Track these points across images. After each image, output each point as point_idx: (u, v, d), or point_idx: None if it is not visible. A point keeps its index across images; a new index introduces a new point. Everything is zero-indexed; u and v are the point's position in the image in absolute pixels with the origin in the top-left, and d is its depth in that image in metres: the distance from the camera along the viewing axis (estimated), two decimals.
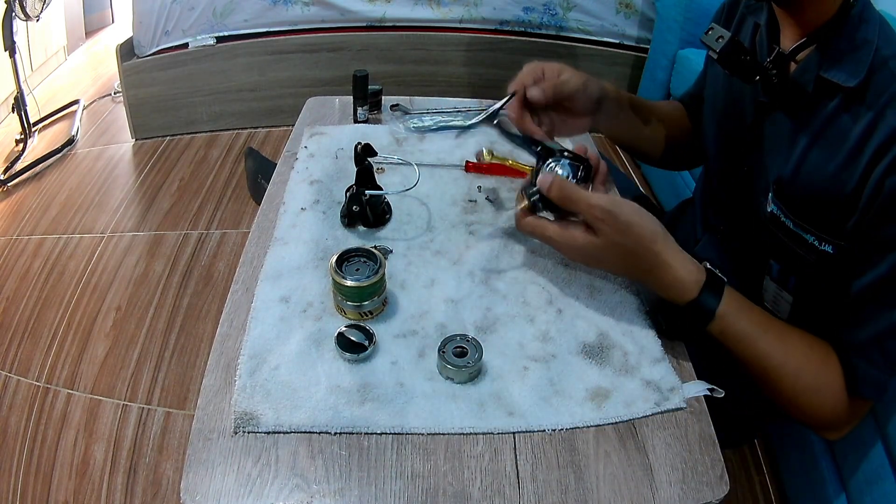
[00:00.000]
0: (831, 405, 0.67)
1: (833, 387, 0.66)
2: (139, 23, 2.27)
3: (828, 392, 0.66)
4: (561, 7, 2.35)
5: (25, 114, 2.37)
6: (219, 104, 2.45)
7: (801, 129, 0.70)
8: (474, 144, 1.01)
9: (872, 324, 0.64)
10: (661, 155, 1.01)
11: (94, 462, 1.34)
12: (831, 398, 0.66)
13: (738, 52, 0.70)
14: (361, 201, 0.81)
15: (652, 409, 0.62)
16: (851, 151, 0.64)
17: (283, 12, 2.32)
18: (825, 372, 0.66)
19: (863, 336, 0.65)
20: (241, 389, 0.61)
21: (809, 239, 0.69)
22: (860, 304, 0.65)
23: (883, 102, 0.63)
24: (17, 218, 2.07)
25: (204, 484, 0.54)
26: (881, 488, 0.91)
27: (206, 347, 1.59)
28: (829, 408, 0.67)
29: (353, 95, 1.05)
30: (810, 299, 0.75)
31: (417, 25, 2.37)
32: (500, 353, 0.66)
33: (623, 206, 0.64)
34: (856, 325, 0.65)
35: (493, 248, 0.80)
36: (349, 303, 0.68)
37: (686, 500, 0.56)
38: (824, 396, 0.66)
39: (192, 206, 2.11)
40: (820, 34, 0.68)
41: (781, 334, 0.68)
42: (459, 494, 0.55)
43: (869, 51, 0.64)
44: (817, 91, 0.68)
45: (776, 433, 1.32)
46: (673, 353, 0.69)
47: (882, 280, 0.63)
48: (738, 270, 0.83)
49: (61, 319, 1.68)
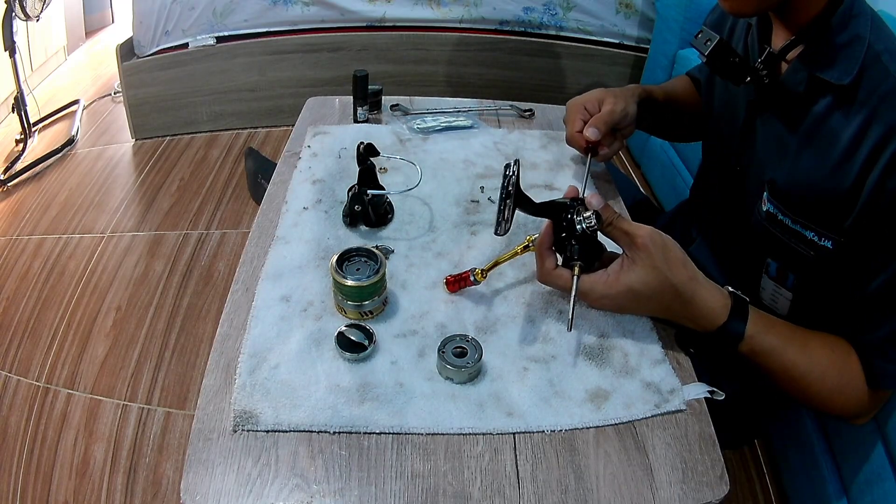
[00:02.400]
0: (856, 400, 0.69)
1: (855, 383, 0.68)
2: (139, 23, 2.27)
3: (851, 389, 0.68)
4: (561, 7, 2.35)
5: (25, 114, 2.37)
6: (219, 104, 2.45)
7: (793, 128, 0.70)
8: (478, 145, 1.01)
9: (886, 324, 0.65)
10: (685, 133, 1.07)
11: (94, 462, 1.33)
12: (855, 394, 0.68)
13: (726, 55, 0.70)
14: (364, 201, 0.81)
15: (652, 411, 0.62)
16: (846, 150, 0.64)
17: (283, 12, 2.32)
18: (847, 371, 0.68)
19: (879, 335, 0.66)
20: (241, 388, 0.61)
21: (809, 235, 0.70)
22: (874, 305, 0.66)
23: (876, 100, 0.62)
24: (17, 218, 2.07)
25: (204, 484, 0.54)
26: (881, 488, 0.91)
27: (206, 347, 1.59)
28: (853, 402, 0.69)
29: (353, 95, 1.05)
30: (810, 295, 0.76)
31: (417, 25, 2.37)
32: (499, 354, 0.66)
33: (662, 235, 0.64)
34: (871, 325, 0.67)
35: (494, 248, 0.80)
36: (350, 302, 0.68)
37: (686, 500, 0.56)
38: (849, 394, 0.69)
39: (192, 206, 2.11)
40: (809, 32, 0.67)
41: (805, 343, 0.69)
42: (459, 494, 0.55)
43: (861, 46, 0.64)
44: (809, 90, 0.68)
45: (776, 433, 1.32)
46: (673, 354, 0.69)
47: (891, 282, 0.64)
48: (733, 270, 0.83)
49: (61, 319, 1.68)
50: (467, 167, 0.96)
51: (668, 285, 0.63)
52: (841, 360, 0.68)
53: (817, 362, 0.68)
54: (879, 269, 0.64)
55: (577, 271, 0.65)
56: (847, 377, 0.68)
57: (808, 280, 0.75)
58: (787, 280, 0.77)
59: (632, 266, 0.63)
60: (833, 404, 0.70)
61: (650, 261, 0.62)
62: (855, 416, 0.71)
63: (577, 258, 0.65)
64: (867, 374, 0.67)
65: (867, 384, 0.68)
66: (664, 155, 2.01)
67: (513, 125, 1.10)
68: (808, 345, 0.68)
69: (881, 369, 0.67)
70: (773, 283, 0.79)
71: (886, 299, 0.65)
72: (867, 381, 0.67)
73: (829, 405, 0.70)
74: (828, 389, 0.68)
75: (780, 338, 0.67)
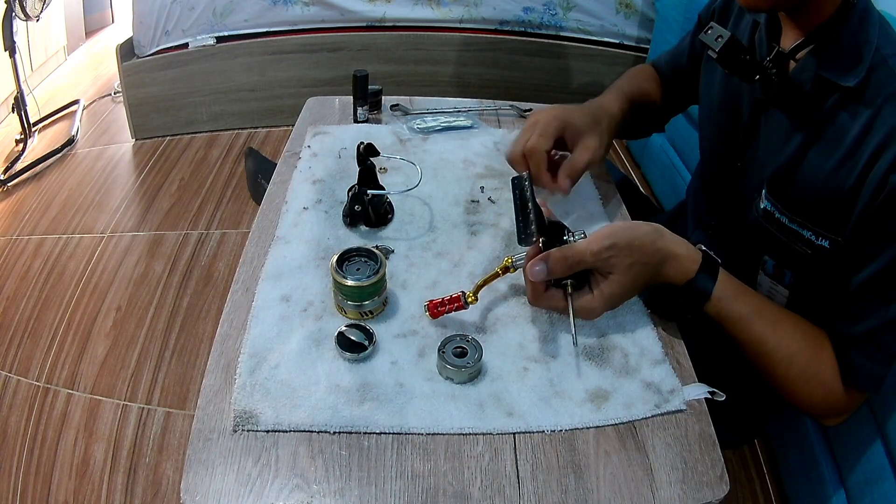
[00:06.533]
0: (822, 394, 0.68)
1: (824, 376, 0.67)
2: (139, 23, 2.27)
3: (818, 381, 0.68)
4: (561, 7, 2.35)
5: (25, 114, 2.37)
6: (219, 104, 2.45)
7: (798, 126, 0.71)
8: (478, 145, 1.01)
9: (870, 317, 0.65)
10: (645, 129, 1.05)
11: (94, 462, 1.33)
12: (822, 387, 0.68)
13: (737, 52, 0.70)
14: (364, 201, 0.81)
15: (652, 411, 0.62)
16: (850, 149, 0.65)
17: (283, 12, 2.32)
18: (817, 361, 0.68)
19: (860, 329, 0.65)
20: (241, 388, 0.61)
21: (806, 234, 0.70)
22: (858, 297, 0.65)
23: (881, 100, 0.63)
24: (17, 218, 2.07)
25: (204, 484, 0.54)
26: (881, 488, 0.91)
27: (206, 347, 1.59)
28: (819, 396, 0.68)
29: (353, 95, 1.05)
30: (806, 293, 0.76)
31: (417, 25, 2.37)
32: (499, 354, 0.66)
33: (617, 233, 0.65)
34: (853, 318, 0.66)
35: (494, 248, 0.80)
36: (350, 302, 0.68)
37: (686, 500, 0.56)
38: (815, 385, 0.68)
39: (192, 206, 2.11)
40: (820, 33, 0.68)
41: (776, 320, 0.69)
42: (459, 494, 0.55)
43: (869, 50, 0.64)
44: (816, 90, 0.68)
45: (776, 433, 1.32)
46: (673, 354, 0.69)
47: (880, 274, 0.63)
48: (729, 266, 0.84)
49: (61, 319, 1.68)
50: (467, 167, 0.96)
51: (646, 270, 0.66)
52: (812, 350, 0.68)
53: (786, 344, 0.68)
54: (868, 261, 0.64)
55: (570, 289, 0.67)
56: (816, 368, 0.67)
57: (805, 278, 0.75)
58: (784, 278, 0.77)
59: (610, 277, 0.66)
60: (799, 393, 0.69)
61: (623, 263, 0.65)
62: (823, 412, 0.70)
63: (569, 277, 0.66)
64: (843, 370, 0.67)
65: (842, 380, 0.67)
66: (664, 155, 2.01)
67: (513, 125, 1.10)
68: (780, 324, 0.68)
69: (859, 365, 0.66)
70: (770, 280, 0.79)
71: (872, 291, 0.64)
72: (842, 375, 0.67)
73: (795, 393, 0.69)
74: (794, 374, 0.68)
75: (749, 308, 0.68)
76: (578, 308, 0.66)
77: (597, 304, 0.66)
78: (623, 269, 0.65)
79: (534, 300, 0.69)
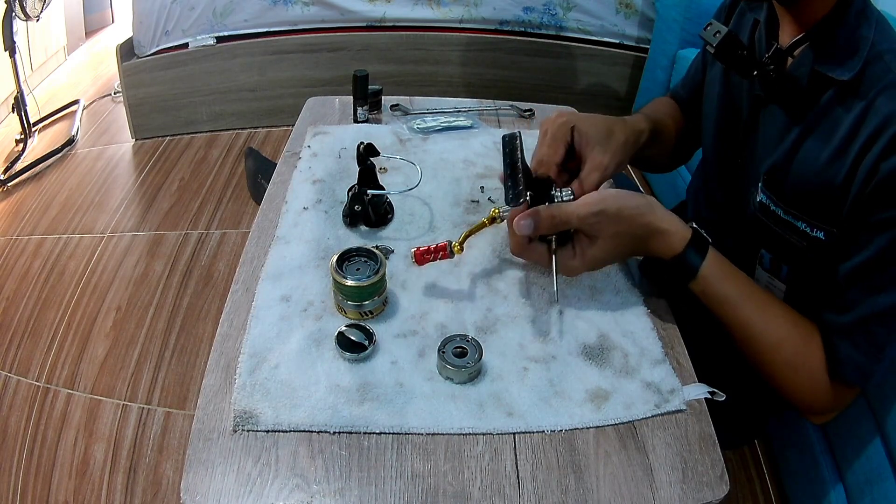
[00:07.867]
0: (809, 385, 0.68)
1: (812, 367, 0.67)
2: (139, 23, 2.27)
3: (806, 371, 0.67)
4: (561, 7, 2.35)
5: (25, 114, 2.37)
6: (219, 104, 2.45)
7: (795, 120, 0.71)
8: (478, 145, 1.01)
9: (859, 307, 0.64)
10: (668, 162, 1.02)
11: (94, 462, 1.33)
12: (810, 378, 0.67)
13: (734, 47, 0.71)
14: (364, 201, 0.81)
15: (652, 411, 0.62)
16: (843, 140, 0.65)
17: (283, 12, 2.32)
18: (805, 351, 0.67)
19: (848, 319, 0.65)
20: (241, 388, 0.61)
21: (801, 226, 0.70)
22: (847, 287, 0.65)
23: (875, 92, 0.63)
24: (17, 218, 2.07)
25: (204, 484, 0.54)
26: (881, 488, 0.91)
27: (206, 347, 1.59)
28: (807, 387, 0.68)
29: (353, 95, 1.05)
30: (803, 287, 0.76)
31: (417, 25, 2.37)
32: (499, 354, 0.66)
33: (607, 199, 0.66)
34: (842, 307, 0.66)
35: (494, 248, 0.80)
36: (350, 302, 0.68)
37: (686, 500, 0.56)
38: (802, 375, 0.68)
39: (192, 206, 2.11)
40: (817, 30, 0.68)
41: (765, 305, 0.69)
42: (459, 494, 0.55)
43: (865, 45, 0.65)
44: (812, 84, 0.69)
45: (776, 433, 1.32)
46: (673, 354, 0.69)
47: (869, 263, 0.63)
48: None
49: (61, 319, 1.68)
50: (467, 167, 0.96)
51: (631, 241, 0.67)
52: (801, 338, 0.68)
53: (773, 330, 0.68)
54: (855, 250, 0.64)
55: (555, 245, 0.68)
56: (804, 357, 0.67)
57: (801, 272, 0.75)
58: (781, 272, 0.78)
59: (594, 240, 0.67)
60: (785, 381, 0.69)
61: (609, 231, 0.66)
62: (810, 405, 0.70)
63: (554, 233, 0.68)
64: (830, 361, 0.66)
65: (828, 372, 0.66)
66: None
67: (513, 125, 1.10)
68: (768, 310, 0.68)
69: (845, 356, 0.65)
70: (768, 274, 0.80)
71: (860, 282, 0.64)
72: (829, 368, 0.66)
73: (781, 381, 0.69)
74: (781, 361, 0.68)
75: (737, 290, 0.68)
76: (559, 265, 0.68)
77: (577, 263, 0.68)
78: (608, 236, 0.66)
79: (517, 251, 0.71)
